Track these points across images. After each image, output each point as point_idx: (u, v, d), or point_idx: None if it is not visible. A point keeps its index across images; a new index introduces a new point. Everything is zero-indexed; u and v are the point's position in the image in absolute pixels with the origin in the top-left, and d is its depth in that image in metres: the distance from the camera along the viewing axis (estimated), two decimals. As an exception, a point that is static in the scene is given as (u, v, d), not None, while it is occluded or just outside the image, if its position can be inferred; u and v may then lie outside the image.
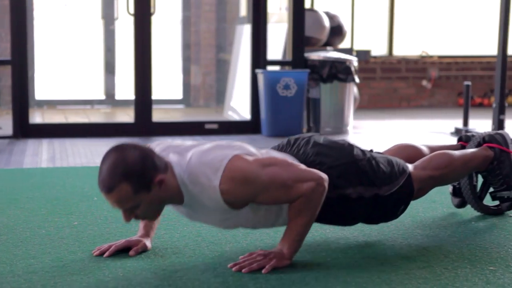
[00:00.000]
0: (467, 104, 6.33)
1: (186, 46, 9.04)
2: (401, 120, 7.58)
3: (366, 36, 9.20)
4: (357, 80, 6.37)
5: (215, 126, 6.23)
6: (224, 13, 8.99)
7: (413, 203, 3.28)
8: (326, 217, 2.50)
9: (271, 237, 2.72)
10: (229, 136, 6.04)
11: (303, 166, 2.37)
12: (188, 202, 2.30)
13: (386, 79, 9.12)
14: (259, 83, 6.11)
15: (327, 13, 7.04)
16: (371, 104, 9.08)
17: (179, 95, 9.19)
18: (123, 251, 2.48)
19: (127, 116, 7.41)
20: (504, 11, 5.77)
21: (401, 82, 9.17)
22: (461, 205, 3.13)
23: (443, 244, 2.64)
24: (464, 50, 9.44)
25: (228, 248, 2.57)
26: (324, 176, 2.35)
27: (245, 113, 6.81)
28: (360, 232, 2.79)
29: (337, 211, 2.51)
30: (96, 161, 4.67)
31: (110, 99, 8.81)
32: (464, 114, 6.29)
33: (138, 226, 2.62)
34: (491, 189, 3.04)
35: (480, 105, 9.27)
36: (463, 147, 3.03)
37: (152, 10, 6.03)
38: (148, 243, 2.53)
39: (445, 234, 2.78)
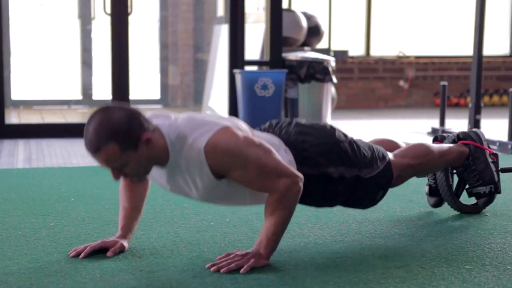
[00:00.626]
0: (443, 104, 6.37)
1: (164, 46, 9.02)
2: (379, 120, 7.62)
3: (344, 37, 9.23)
4: (334, 80, 6.39)
5: (193, 126, 6.21)
6: (201, 13, 8.98)
7: (390, 203, 3.30)
8: (307, 195, 2.50)
9: (249, 237, 2.72)
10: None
11: (284, 162, 2.37)
12: (173, 164, 2.31)
13: (363, 79, 9.16)
14: (237, 83, 6.11)
15: (305, 13, 7.06)
16: (349, 104, 9.12)
17: (156, 95, 9.16)
18: (99, 252, 2.47)
19: (104, 116, 7.35)
20: (479, 12, 5.82)
21: (379, 82, 9.21)
22: (437, 204, 3.16)
23: (420, 243, 2.65)
24: (440, 51, 9.51)
25: (206, 248, 2.56)
26: (300, 175, 2.36)
27: (223, 113, 6.81)
28: (337, 232, 2.80)
29: (318, 189, 2.53)
30: (73, 161, 4.64)
31: (87, 99, 8.76)
32: (441, 114, 6.34)
33: (117, 225, 2.61)
34: (467, 186, 3.08)
35: (457, 105, 9.34)
36: None
37: (129, 10, 6.01)
38: (125, 243, 2.52)
39: (422, 233, 2.80)
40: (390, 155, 2.72)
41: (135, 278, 2.23)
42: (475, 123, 5.81)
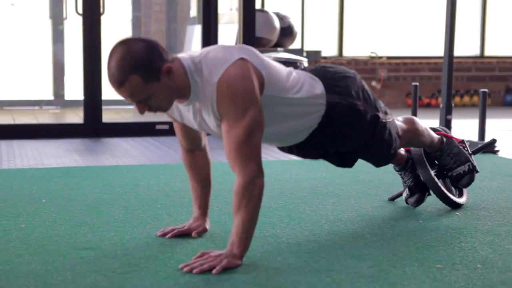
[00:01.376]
0: (415, 105, 6.42)
1: (137, 46, 8.97)
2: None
3: (316, 37, 9.26)
4: (307, 80, 6.41)
5: (166, 127, 6.20)
6: (174, 14, 8.96)
7: (362, 203, 3.32)
8: (336, 124, 2.62)
9: (222, 237, 2.72)
10: (180, 136, 6.01)
11: (260, 149, 2.37)
12: (194, 97, 2.36)
13: (336, 80, 9.20)
14: (210, 84, 6.10)
15: (278, 14, 7.07)
16: (322, 105, 9.15)
17: (129, 96, 9.11)
18: (184, 236, 2.68)
19: (76, 117, 7.32)
20: (450, 13, 5.87)
21: (351, 83, 9.26)
22: (418, 202, 3.22)
23: (392, 242, 2.67)
24: (412, 51, 9.58)
25: (178, 249, 2.56)
26: (263, 179, 2.35)
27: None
28: (310, 232, 2.81)
29: (346, 117, 2.64)
30: (45, 162, 4.61)
31: (59, 100, 8.69)
32: (412, 114, 6.38)
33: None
34: (449, 172, 3.25)
35: (428, 106, 9.42)
36: (407, 151, 3.27)
37: (101, 10, 5.97)
38: (206, 225, 2.73)
39: (393, 233, 2.82)
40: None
41: (107, 280, 2.22)
42: (446, 123, 5.86)
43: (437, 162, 3.27)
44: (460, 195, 3.33)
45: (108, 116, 6.65)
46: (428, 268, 2.35)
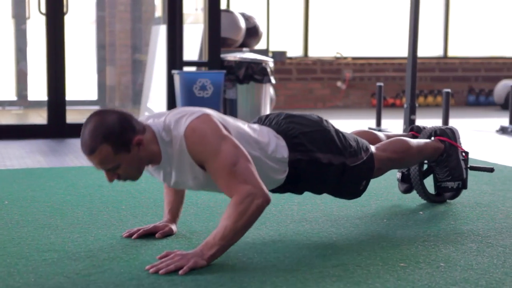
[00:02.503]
0: (379, 105, 6.47)
1: (101, 47, 8.91)
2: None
3: (282, 38, 9.29)
4: (273, 81, 6.43)
5: (131, 128, 6.16)
6: (139, 13, 8.91)
7: (327, 203, 3.33)
8: (300, 179, 2.66)
9: (187, 238, 2.71)
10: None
11: (258, 177, 2.37)
12: (166, 160, 2.42)
13: (301, 80, 9.23)
14: (176, 84, 6.08)
15: (243, 14, 7.07)
16: (287, 105, 9.17)
17: (94, 96, 9.05)
18: (150, 235, 2.69)
19: (40, 118, 7.24)
20: (413, 14, 5.93)
21: (317, 83, 9.30)
22: (407, 190, 3.35)
23: (356, 242, 2.69)
24: (376, 52, 9.66)
25: (143, 250, 2.54)
26: (269, 195, 2.36)
27: (161, 114, 6.76)
28: (275, 232, 2.82)
29: (309, 173, 2.66)
30: (7, 163, 4.55)
31: (22, 100, 8.59)
32: (377, 114, 6.44)
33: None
34: (437, 179, 3.27)
35: (393, 106, 9.50)
36: (414, 137, 3.28)
37: (65, 10, 5.92)
38: (173, 227, 2.73)
39: (358, 232, 2.84)
40: (372, 148, 2.88)
41: (70, 282, 2.20)
42: (410, 123, 5.92)
43: (431, 169, 3.30)
44: (438, 195, 3.37)
45: (72, 116, 6.59)
46: (392, 267, 2.37)
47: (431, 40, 9.78)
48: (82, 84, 9.29)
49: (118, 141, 2.31)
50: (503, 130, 6.48)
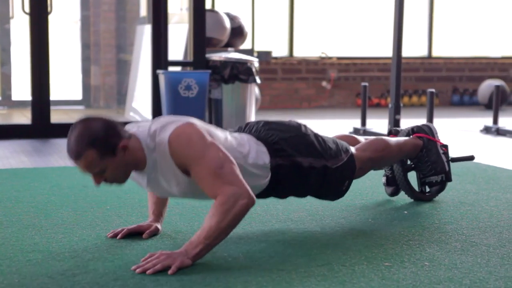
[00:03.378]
0: (364, 105, 6.49)
1: (85, 46, 8.87)
2: (302, 120, 7.70)
3: (267, 37, 9.29)
4: (258, 80, 6.43)
5: (115, 128, 6.13)
6: (124, 13, 8.88)
7: (313, 203, 3.34)
8: (282, 184, 2.71)
9: (172, 238, 2.71)
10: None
11: (242, 179, 2.40)
12: (150, 166, 2.45)
13: (287, 80, 9.24)
14: (161, 84, 6.07)
15: (228, 14, 7.07)
16: (273, 105, 9.18)
17: (78, 96, 9.01)
18: (136, 235, 2.69)
19: (24, 118, 7.21)
20: (398, 14, 5.95)
21: (302, 83, 9.31)
22: (394, 193, 3.40)
23: (341, 241, 2.69)
24: (361, 52, 9.68)
25: (128, 250, 2.54)
26: (253, 197, 2.37)
27: (146, 114, 6.76)
28: (261, 232, 2.82)
29: (292, 178, 2.71)
30: (-9, 164, 4.52)
31: (6, 100, 8.55)
32: (362, 114, 6.46)
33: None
34: (421, 176, 3.33)
35: (378, 106, 9.53)
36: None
37: (49, 9, 5.89)
38: (159, 226, 2.73)
39: (343, 232, 2.84)
40: (352, 149, 2.93)
41: (55, 282, 2.19)
42: (395, 123, 5.94)
43: (413, 166, 3.35)
44: (422, 192, 3.42)
45: (57, 116, 6.57)
46: (377, 266, 2.38)
47: (416, 40, 9.82)
48: (66, 84, 9.25)
49: (103, 146, 2.35)
50: (487, 130, 6.51)
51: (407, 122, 7.00)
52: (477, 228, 2.91)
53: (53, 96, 6.02)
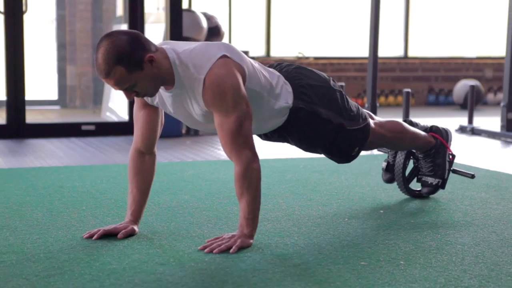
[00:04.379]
0: (341, 104, 6.50)
1: (61, 46, 8.81)
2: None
3: (244, 37, 9.29)
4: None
5: (92, 128, 6.11)
6: (100, 13, 8.83)
7: (289, 202, 3.34)
8: (297, 127, 2.80)
9: (149, 239, 2.70)
10: (106, 137, 5.95)
11: (252, 136, 2.54)
12: (178, 86, 2.52)
13: (264, 80, 9.24)
14: (137, 84, 6.04)
15: (205, 14, 7.06)
16: (250, 105, 9.18)
17: (54, 96, 8.95)
18: (111, 236, 2.67)
19: (-2, 118, 7.14)
20: (374, 15, 5.98)
21: (279, 83, 9.32)
22: (389, 180, 3.43)
23: (318, 241, 2.70)
24: (338, 52, 9.71)
25: (104, 251, 2.52)
26: (258, 162, 2.53)
27: (123, 114, 6.72)
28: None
29: (307, 124, 2.79)
30: (-35, 164, 4.47)
31: (-20, 100, 8.46)
32: (339, 114, 6.47)
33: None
34: (419, 172, 3.37)
35: (354, 105, 9.56)
36: None
37: (24, 8, 5.85)
38: (135, 227, 2.73)
39: (320, 231, 2.85)
40: (371, 121, 2.99)
41: (29, 284, 2.17)
42: (371, 123, 5.97)
43: (415, 160, 3.40)
44: (413, 190, 3.48)
45: (32, 116, 6.52)
46: (353, 265, 2.39)
47: (392, 41, 9.88)
48: (42, 84, 9.18)
49: (130, 61, 2.39)
50: (462, 130, 6.57)
51: (383, 122, 7.03)
52: (452, 227, 2.93)
53: (28, 96, 5.97)
